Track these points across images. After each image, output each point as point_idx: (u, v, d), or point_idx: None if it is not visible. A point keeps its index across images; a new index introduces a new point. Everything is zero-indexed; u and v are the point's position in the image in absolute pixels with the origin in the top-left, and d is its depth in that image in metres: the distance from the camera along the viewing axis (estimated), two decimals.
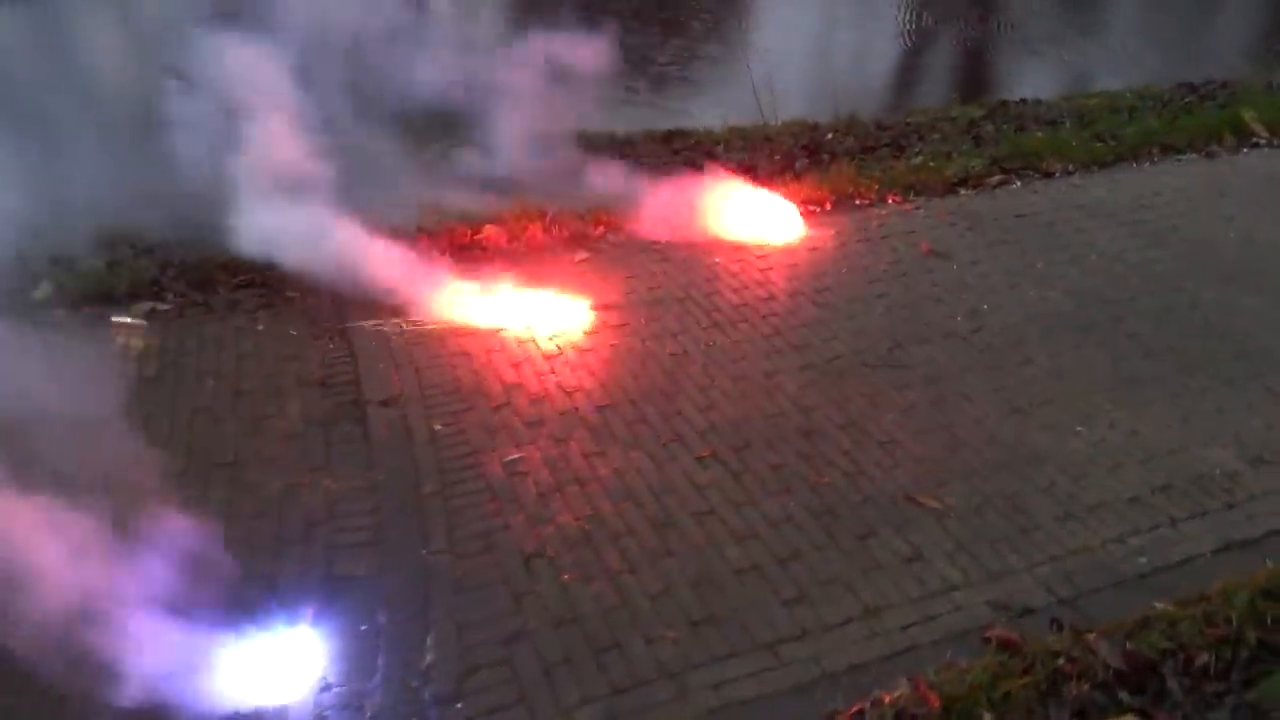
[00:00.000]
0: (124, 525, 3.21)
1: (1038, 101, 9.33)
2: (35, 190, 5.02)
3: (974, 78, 12.51)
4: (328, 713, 2.86)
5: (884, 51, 13.37)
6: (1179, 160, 7.08)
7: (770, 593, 3.24)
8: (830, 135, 8.27)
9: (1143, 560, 3.40)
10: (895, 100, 11.06)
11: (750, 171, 7.05)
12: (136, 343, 4.64)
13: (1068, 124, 8.03)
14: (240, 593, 3.16)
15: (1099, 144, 7.34)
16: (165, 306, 4.96)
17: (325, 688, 2.94)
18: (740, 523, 3.54)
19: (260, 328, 4.82)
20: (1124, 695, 2.85)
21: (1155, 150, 7.23)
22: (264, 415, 4.16)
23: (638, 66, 11.80)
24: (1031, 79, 11.55)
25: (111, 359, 4.50)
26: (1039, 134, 7.72)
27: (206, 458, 3.90)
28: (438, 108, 6.74)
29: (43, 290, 4.92)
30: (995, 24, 14.76)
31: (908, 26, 14.52)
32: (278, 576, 3.30)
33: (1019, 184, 6.72)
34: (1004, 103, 9.42)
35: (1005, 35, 14.43)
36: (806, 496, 3.68)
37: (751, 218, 5.89)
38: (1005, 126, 8.27)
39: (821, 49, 13.72)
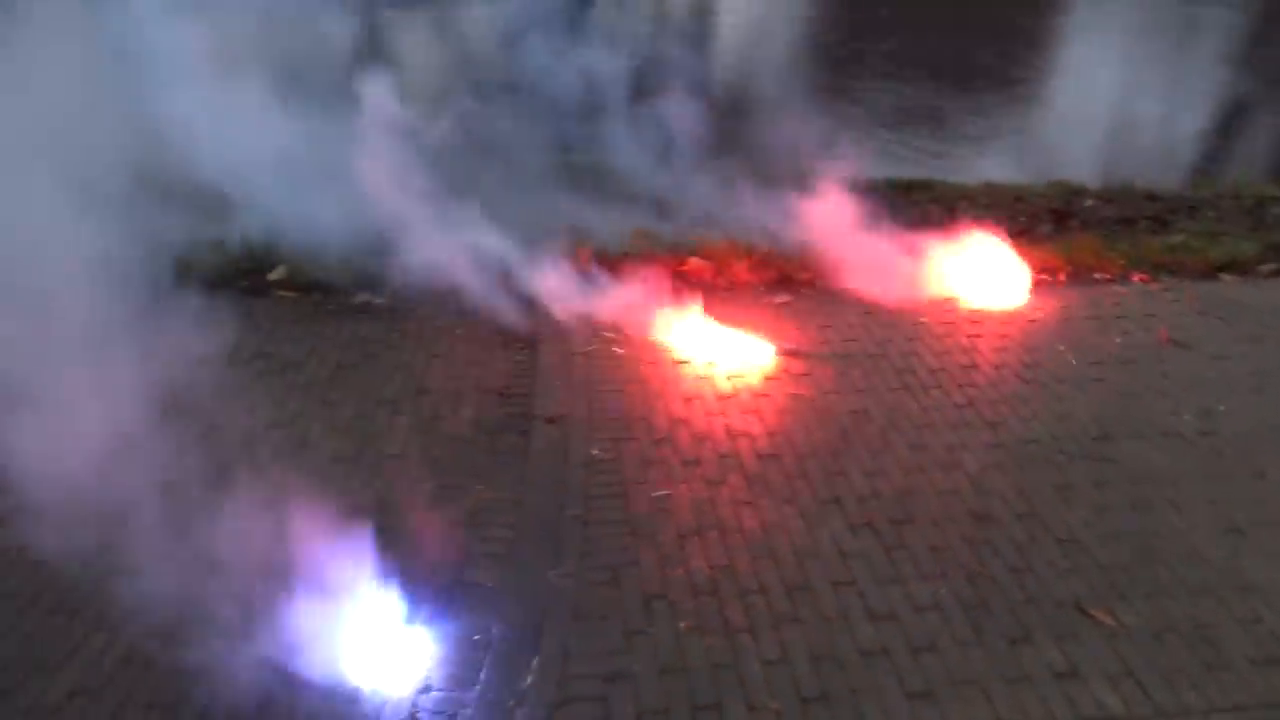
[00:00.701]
0: (282, 497, 3.41)
1: None
2: (293, 184, 5.48)
3: None
4: (421, 713, 2.89)
5: (1188, 119, 12.37)
6: None
7: (896, 682, 2.98)
8: (1089, 201, 7.70)
9: None
10: (1185, 172, 10.19)
11: (988, 231, 6.68)
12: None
13: None
14: (370, 580, 3.26)
15: None
16: (379, 300, 5.27)
17: (425, 688, 2.98)
18: (881, 600, 3.29)
19: (458, 332, 5.02)
20: None
21: None
22: (439, 415, 4.32)
23: (911, 114, 11.56)
24: None
25: (319, 341, 4.82)
26: None
27: (378, 447, 4.08)
28: (683, 135, 6.84)
29: (278, 273, 5.35)
30: None
31: (1222, 93, 13.37)
32: (409, 572, 3.38)
33: None
34: None
35: None
36: (961, 585, 3.37)
37: (973, 279, 5.55)
38: None
39: (1117, 111, 12.90)
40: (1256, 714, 2.91)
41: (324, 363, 4.69)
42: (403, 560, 3.43)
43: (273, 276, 5.36)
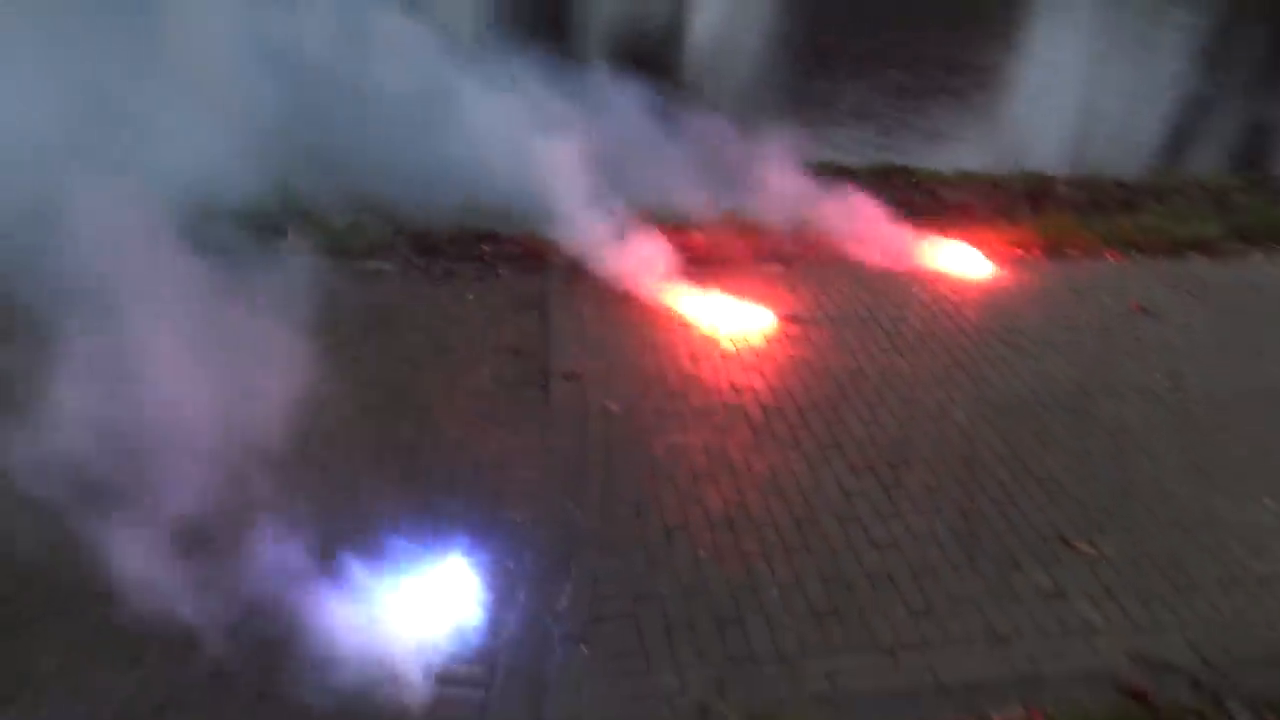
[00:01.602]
0: (319, 445, 3.64)
1: None
2: (302, 151, 5.67)
3: (1245, 150, 11.81)
4: (466, 630, 3.13)
5: (1154, 115, 12.83)
6: None
7: (899, 601, 3.27)
8: (1062, 187, 8.05)
9: None
10: (1150, 163, 10.61)
11: (967, 212, 7.00)
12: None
13: None
14: (409, 515, 3.49)
15: None
16: (391, 267, 5.49)
17: (468, 608, 3.21)
18: (882, 532, 3.58)
19: (470, 297, 5.26)
20: None
21: None
22: (459, 371, 4.55)
23: (890, 109, 11.89)
24: None
25: (335, 304, 5.04)
26: None
27: (403, 399, 4.30)
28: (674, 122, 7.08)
29: (291, 239, 5.55)
30: None
31: (1189, 93, 13.84)
32: (444, 507, 3.61)
33: (1260, 256, 6.34)
34: (1267, 176, 8.87)
35: None
36: (954, 519, 3.67)
37: (955, 254, 5.86)
38: (1259, 198, 7.78)
39: (1085, 107, 13.32)
40: (1225, 629, 3.23)
41: (344, 324, 4.90)
42: (437, 497, 3.68)
43: (284, 244, 5.54)
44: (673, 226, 5.99)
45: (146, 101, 5.18)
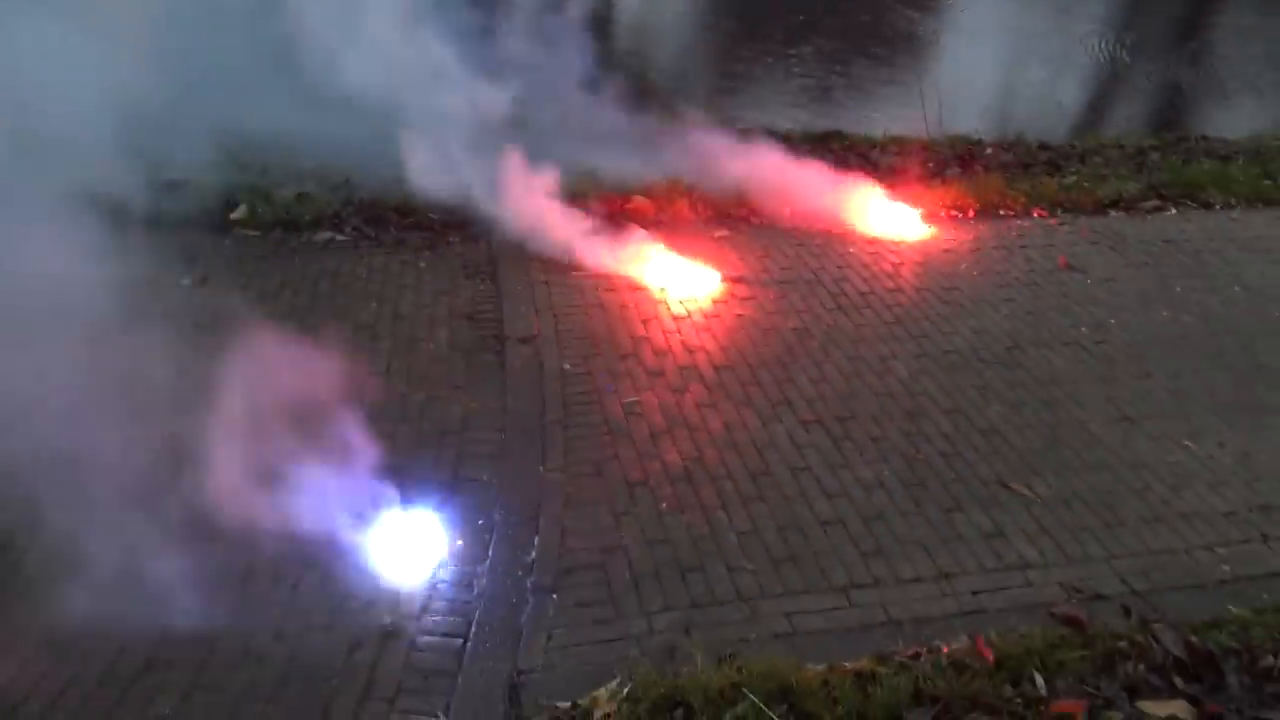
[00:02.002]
0: (286, 414, 3.70)
1: (1218, 139, 9.08)
2: (247, 126, 5.64)
3: (1159, 112, 12.21)
4: (441, 585, 3.25)
5: (1073, 80, 13.16)
6: None
7: (851, 545, 3.46)
8: (989, 150, 8.30)
9: (1226, 569, 3.46)
10: (1071, 126, 10.91)
11: (900, 175, 7.20)
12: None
13: (1240, 160, 7.82)
14: (378, 479, 3.58)
15: (1268, 182, 7.15)
16: (342, 237, 5.52)
17: (442, 564, 3.33)
18: (833, 482, 3.77)
19: (422, 265, 5.32)
20: (1179, 682, 2.95)
21: None
22: (416, 338, 4.62)
23: (818, 77, 12.05)
24: (1221, 119, 11.19)
25: (290, 275, 5.06)
26: (1206, 165, 7.56)
27: (363, 366, 4.36)
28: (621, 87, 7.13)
29: (240, 212, 5.54)
30: (1198, 63, 14.29)
31: (1103, 57, 14.22)
32: (412, 470, 3.71)
33: (1174, 212, 6.66)
34: (1181, 138, 9.22)
35: (1205, 75, 13.97)
36: (901, 468, 3.87)
37: (891, 216, 6.06)
38: (1174, 158, 8.11)
39: (1006, 73, 13.62)
40: (1149, 560, 3.48)
41: (299, 294, 4.93)
42: (403, 461, 3.76)
43: (234, 215, 5.53)
44: (617, 193, 6.09)
45: (79, 67, 5.09)
